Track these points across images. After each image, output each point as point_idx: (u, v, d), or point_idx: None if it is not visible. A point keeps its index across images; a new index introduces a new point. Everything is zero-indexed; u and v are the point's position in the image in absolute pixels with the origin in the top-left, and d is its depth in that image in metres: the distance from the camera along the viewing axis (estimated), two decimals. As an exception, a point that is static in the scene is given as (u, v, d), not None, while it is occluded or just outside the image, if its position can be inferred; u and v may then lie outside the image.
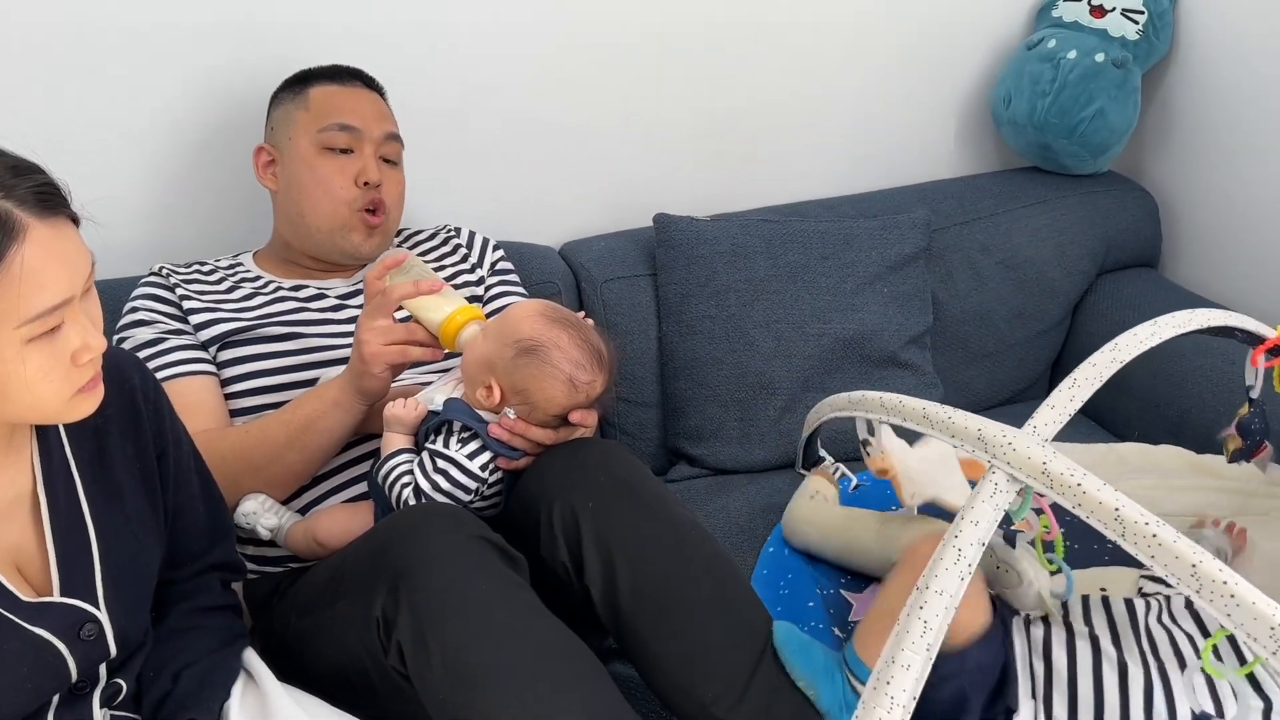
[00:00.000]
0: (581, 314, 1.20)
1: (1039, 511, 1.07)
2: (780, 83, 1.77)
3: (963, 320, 1.74)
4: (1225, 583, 0.75)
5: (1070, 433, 1.59)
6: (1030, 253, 1.75)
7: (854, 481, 1.49)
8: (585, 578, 1.06)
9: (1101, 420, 1.69)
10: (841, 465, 1.53)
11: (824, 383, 1.61)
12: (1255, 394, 1.17)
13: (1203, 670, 0.95)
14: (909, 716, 0.91)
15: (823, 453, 1.56)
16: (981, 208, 1.77)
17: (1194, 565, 0.77)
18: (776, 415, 1.59)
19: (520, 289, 1.50)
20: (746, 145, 1.80)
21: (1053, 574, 1.12)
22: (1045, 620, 1.10)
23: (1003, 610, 1.09)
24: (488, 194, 1.68)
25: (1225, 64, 1.70)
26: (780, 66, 1.76)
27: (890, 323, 1.63)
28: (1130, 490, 1.20)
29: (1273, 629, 0.74)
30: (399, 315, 1.17)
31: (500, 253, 1.51)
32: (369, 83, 1.39)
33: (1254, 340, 1.12)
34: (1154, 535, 0.79)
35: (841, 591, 1.29)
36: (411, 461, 1.13)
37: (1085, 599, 1.14)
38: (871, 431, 1.25)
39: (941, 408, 1.03)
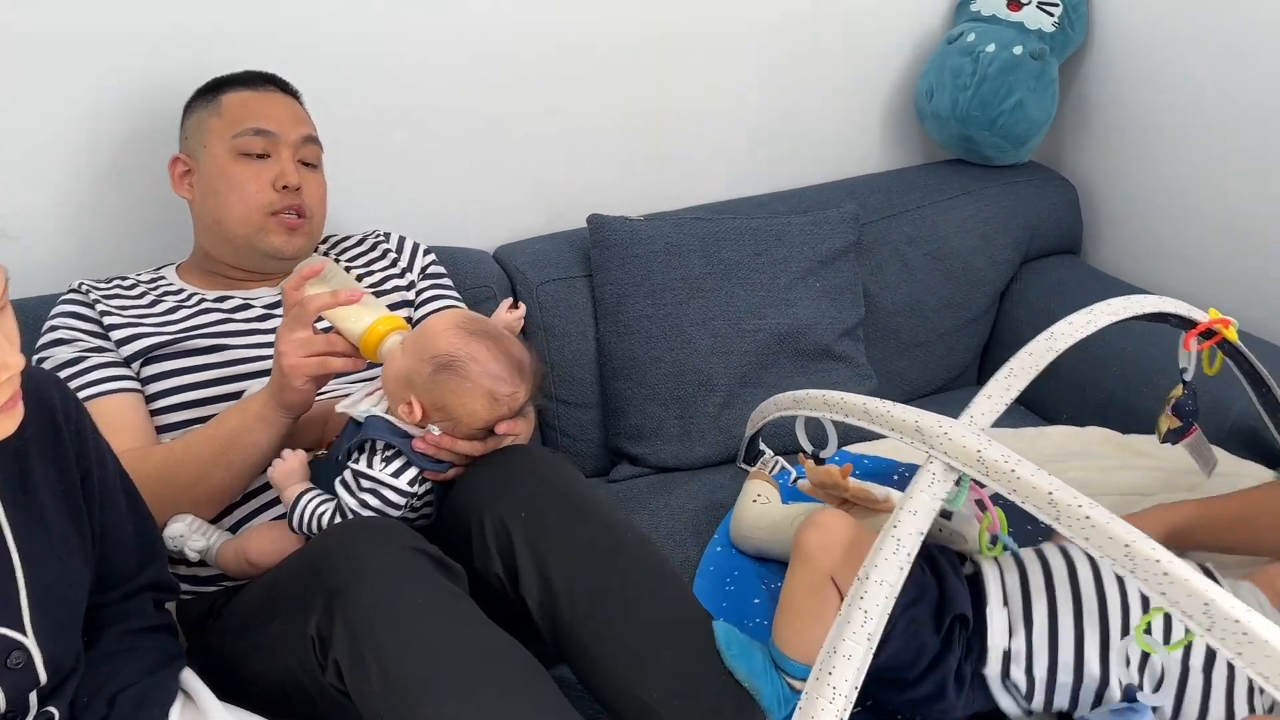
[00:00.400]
0: (517, 308, 1.18)
1: (983, 507, 1.09)
2: (709, 81, 1.78)
3: (894, 311, 1.77)
4: (1158, 560, 0.77)
5: (1001, 418, 1.62)
6: (956, 243, 1.79)
7: (793, 475, 1.50)
8: (521, 588, 1.05)
9: (1030, 405, 1.72)
10: (781, 459, 1.55)
11: (761, 378, 1.62)
12: (1189, 377, 1.21)
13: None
14: (851, 705, 0.92)
15: (763, 447, 1.57)
16: (908, 200, 1.80)
17: (1127, 545, 0.79)
18: (716, 411, 1.60)
19: (453, 293, 1.48)
20: (678, 144, 1.80)
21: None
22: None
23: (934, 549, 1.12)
24: (420, 198, 1.67)
25: (1139, 54, 1.76)
26: (708, 65, 1.77)
27: (824, 316, 1.65)
28: (1061, 472, 1.24)
29: (1206, 604, 0.76)
30: (320, 325, 1.14)
31: (431, 257, 1.50)
32: (283, 87, 1.37)
33: (1186, 324, 1.15)
34: (1087, 517, 0.81)
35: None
36: (319, 495, 1.11)
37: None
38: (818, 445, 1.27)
39: (881, 402, 1.04)
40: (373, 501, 1.09)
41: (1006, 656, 1.04)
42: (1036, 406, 1.73)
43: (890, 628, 1.01)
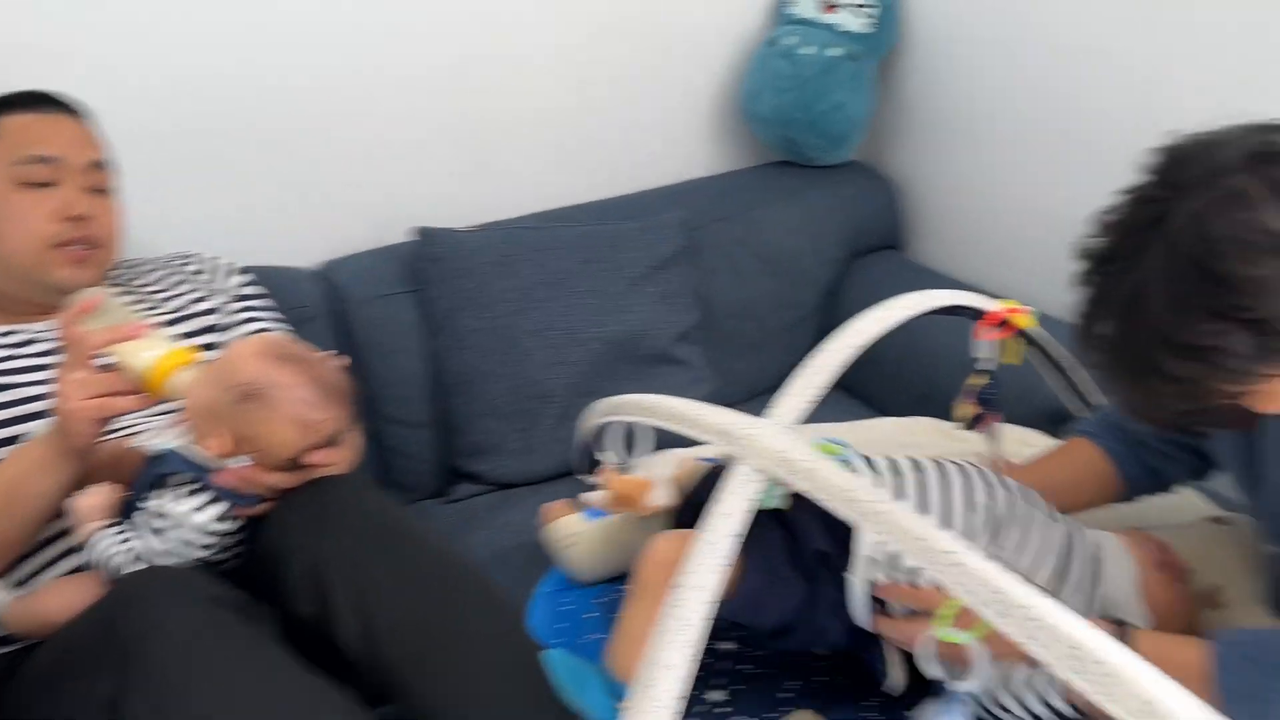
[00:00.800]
0: (321, 353, 1.14)
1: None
2: (535, 89, 1.76)
3: (729, 314, 1.79)
4: (950, 551, 0.79)
5: (834, 411, 1.66)
6: (784, 244, 1.82)
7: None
8: (339, 627, 1.01)
9: (864, 398, 1.77)
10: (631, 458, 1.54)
11: (600, 386, 1.61)
12: (990, 365, 1.25)
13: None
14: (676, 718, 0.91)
15: (599, 455, 1.56)
16: (737, 203, 1.83)
17: (920, 538, 0.80)
18: (555, 423, 1.58)
19: (270, 314, 1.42)
20: (506, 153, 1.78)
21: None
22: None
23: None
24: (234, 216, 1.60)
25: (951, 53, 1.83)
26: (534, 73, 1.75)
27: (659, 321, 1.66)
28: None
29: (998, 591, 0.78)
30: (105, 362, 1.07)
31: (245, 277, 1.43)
32: (68, 108, 1.28)
33: (979, 315, 1.20)
34: (881, 511, 0.82)
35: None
36: (115, 536, 1.04)
37: None
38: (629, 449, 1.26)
39: (693, 405, 1.04)
40: (174, 542, 1.03)
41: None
42: (870, 399, 1.77)
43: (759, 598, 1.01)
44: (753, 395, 1.84)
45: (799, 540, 1.05)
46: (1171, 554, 1.06)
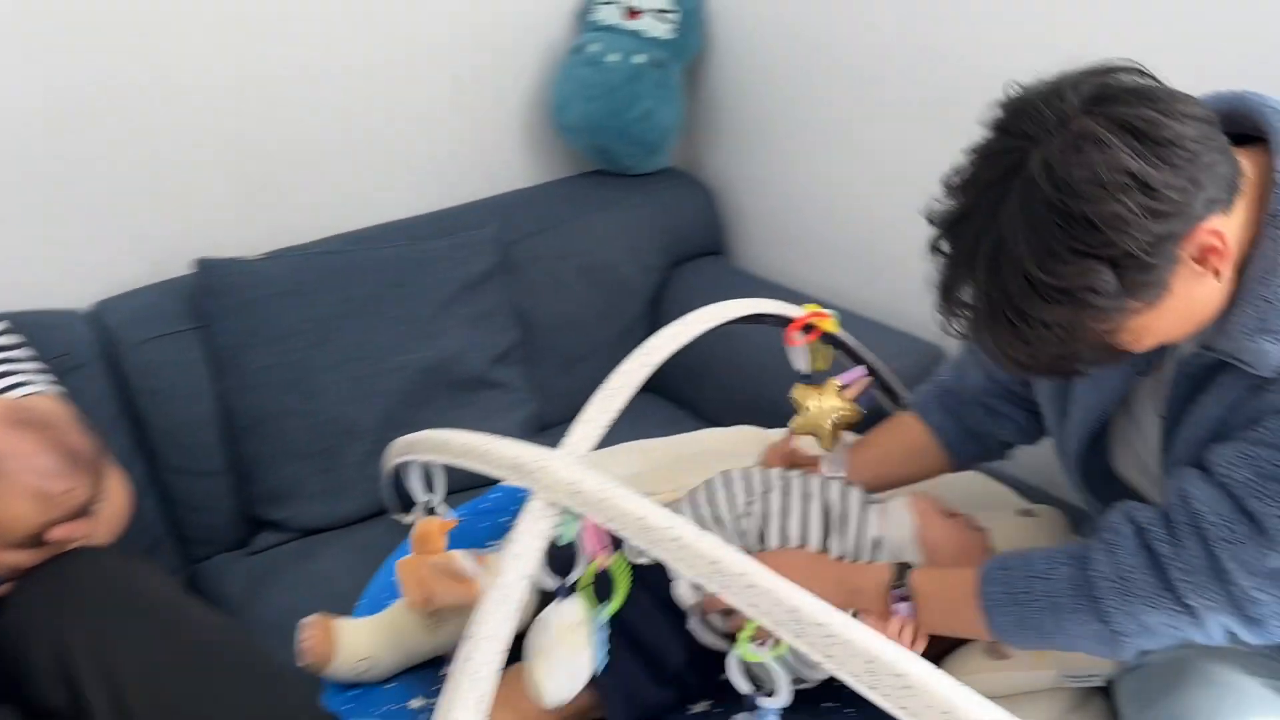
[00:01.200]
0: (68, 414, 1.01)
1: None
2: (330, 105, 1.65)
3: (551, 329, 1.72)
4: (744, 574, 0.75)
5: (660, 424, 1.61)
6: (604, 254, 1.77)
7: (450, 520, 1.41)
8: (92, 717, 0.89)
9: (688, 406, 1.73)
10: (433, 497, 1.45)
11: (412, 417, 1.52)
12: (803, 370, 1.23)
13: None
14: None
15: (420, 494, 1.46)
16: (554, 215, 1.76)
17: (714, 561, 0.76)
18: (363, 460, 1.47)
19: (28, 364, 1.26)
20: (300, 174, 1.66)
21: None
22: None
23: None
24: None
25: (757, 56, 1.81)
26: (330, 89, 1.64)
27: (474, 344, 1.57)
28: (704, 474, 1.22)
29: (793, 610, 0.74)
30: None
31: (-2, 326, 1.27)
32: None
33: (784, 322, 1.16)
34: (676, 538, 0.77)
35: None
36: None
37: None
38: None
39: (485, 439, 0.97)
40: None
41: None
42: (699, 411, 1.73)
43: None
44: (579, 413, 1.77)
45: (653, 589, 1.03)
46: (947, 505, 1.13)
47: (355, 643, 1.08)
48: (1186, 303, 0.79)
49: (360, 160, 1.72)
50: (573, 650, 0.89)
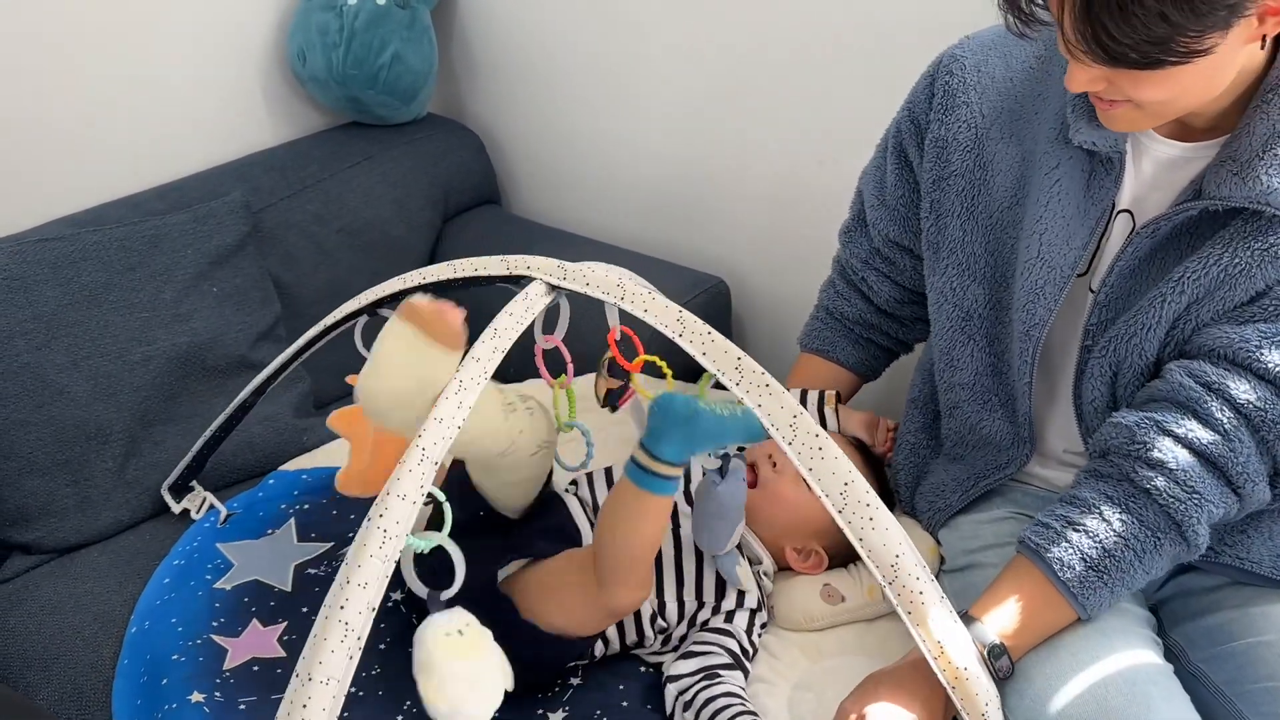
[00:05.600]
0: None
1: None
2: (35, 69, 1.46)
3: (317, 299, 1.61)
4: (762, 373, 0.84)
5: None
6: (369, 213, 1.67)
7: (223, 514, 1.32)
8: None
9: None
10: (210, 495, 1.35)
11: (170, 411, 1.40)
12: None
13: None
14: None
15: (195, 484, 1.36)
16: (307, 175, 1.64)
17: (739, 359, 0.84)
18: (118, 465, 1.35)
19: None
20: (4, 156, 1.47)
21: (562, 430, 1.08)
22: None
23: None
24: None
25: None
26: (41, 57, 1.45)
27: (230, 325, 1.45)
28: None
29: (794, 416, 0.82)
30: None
31: None
32: None
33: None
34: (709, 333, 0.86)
35: (212, 637, 1.12)
36: None
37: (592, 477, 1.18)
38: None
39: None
40: None
41: None
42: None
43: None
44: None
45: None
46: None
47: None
48: (1222, 63, 0.79)
49: (77, 134, 1.53)
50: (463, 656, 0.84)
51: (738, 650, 1.02)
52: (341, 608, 0.77)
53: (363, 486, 1.19)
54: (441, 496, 0.86)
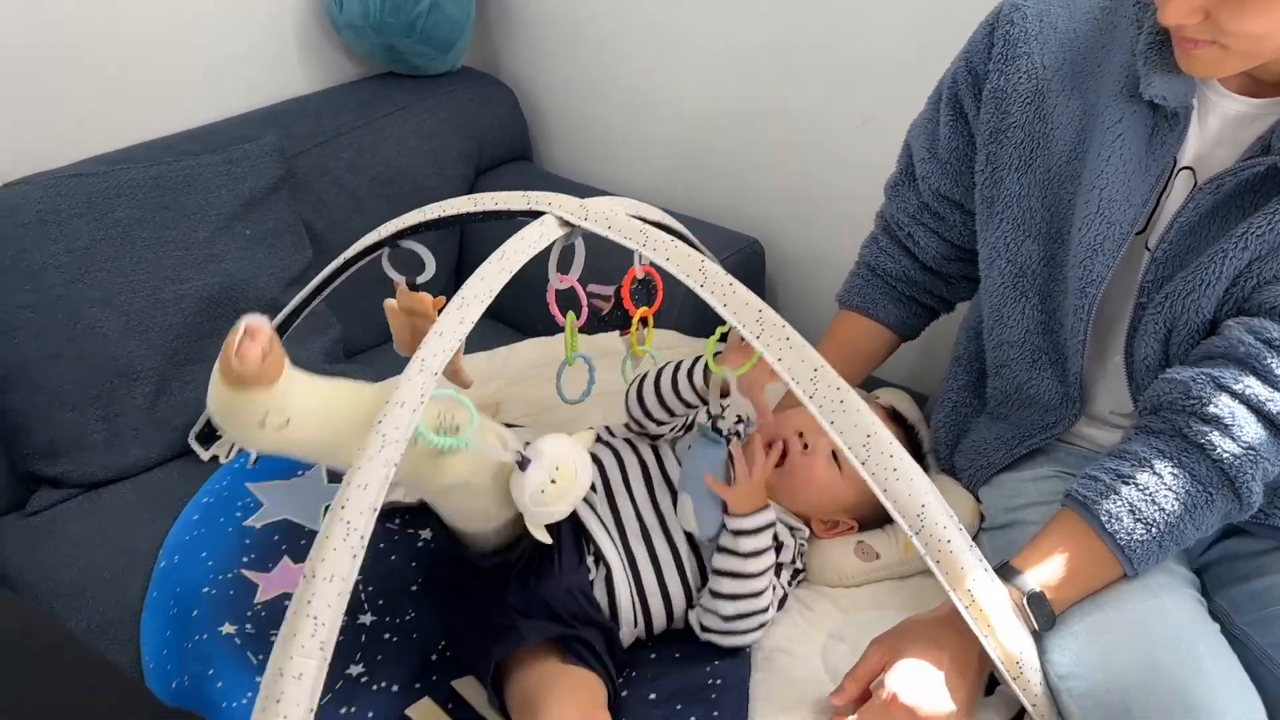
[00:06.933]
0: None
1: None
2: (82, 11, 1.45)
3: (348, 247, 1.60)
4: (784, 326, 0.84)
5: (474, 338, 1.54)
6: (402, 163, 1.65)
7: (254, 455, 1.31)
8: None
9: (507, 320, 1.66)
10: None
11: (201, 351, 1.39)
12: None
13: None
14: (305, 734, 0.78)
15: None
16: (341, 123, 1.63)
17: (760, 311, 0.85)
18: (148, 403, 1.34)
19: None
20: (41, 93, 1.46)
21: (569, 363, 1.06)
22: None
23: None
24: None
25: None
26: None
27: (262, 268, 1.44)
28: (536, 385, 1.17)
29: (815, 370, 0.82)
30: None
31: None
32: None
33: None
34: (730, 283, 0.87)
35: (243, 572, 1.12)
36: None
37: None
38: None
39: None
40: None
41: None
42: (513, 321, 1.67)
43: None
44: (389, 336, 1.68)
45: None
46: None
47: (291, 391, 0.89)
48: None
49: (111, 75, 1.52)
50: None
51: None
52: (343, 507, 0.79)
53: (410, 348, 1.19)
54: (466, 400, 0.88)
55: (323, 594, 0.78)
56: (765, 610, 1.00)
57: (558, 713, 0.88)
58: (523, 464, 0.89)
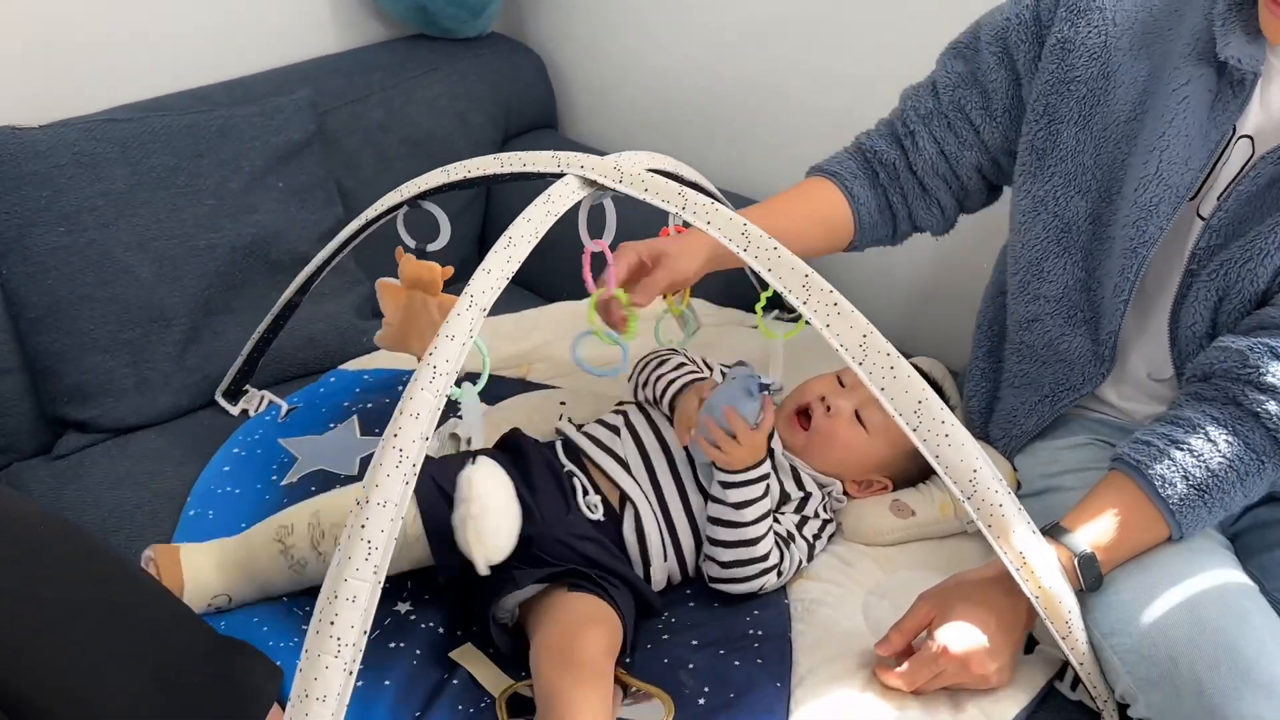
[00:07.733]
0: None
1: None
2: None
3: (368, 205, 1.60)
4: (830, 291, 0.84)
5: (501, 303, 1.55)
6: (431, 125, 1.66)
7: (285, 409, 1.32)
8: None
9: (530, 286, 1.66)
10: (267, 393, 1.34)
11: (231, 301, 1.39)
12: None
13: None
14: (360, 657, 0.79)
15: (248, 388, 1.35)
16: (372, 83, 1.63)
17: (806, 275, 0.85)
18: (178, 350, 1.34)
19: None
20: (75, 39, 1.45)
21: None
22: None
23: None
24: None
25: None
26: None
27: (294, 221, 1.45)
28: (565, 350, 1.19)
29: (864, 336, 0.83)
30: None
31: None
32: None
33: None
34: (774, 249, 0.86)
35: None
36: None
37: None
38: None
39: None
40: None
41: None
42: (537, 288, 1.67)
43: None
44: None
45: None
46: None
47: (207, 578, 1.02)
48: None
49: (145, 24, 1.52)
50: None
51: (782, 533, 1.05)
52: (395, 435, 0.80)
53: (395, 341, 1.21)
54: (483, 347, 0.89)
55: (376, 518, 0.79)
56: (764, 559, 1.02)
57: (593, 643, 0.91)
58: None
